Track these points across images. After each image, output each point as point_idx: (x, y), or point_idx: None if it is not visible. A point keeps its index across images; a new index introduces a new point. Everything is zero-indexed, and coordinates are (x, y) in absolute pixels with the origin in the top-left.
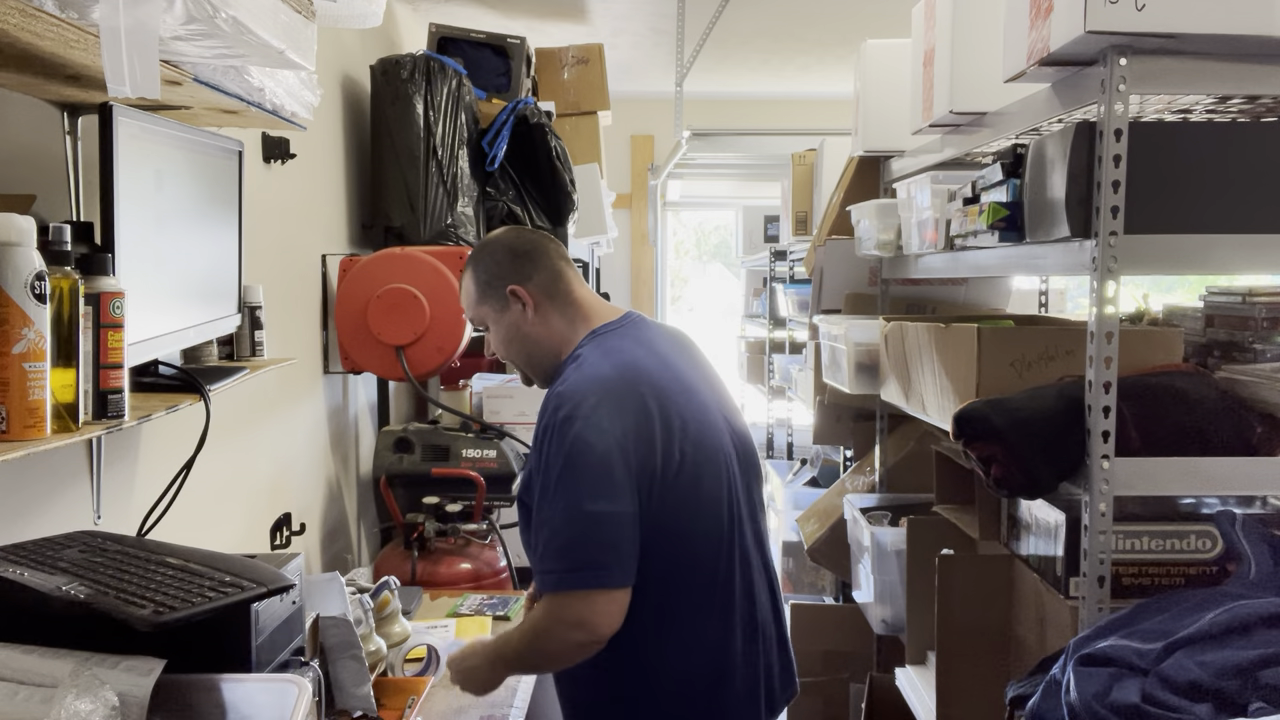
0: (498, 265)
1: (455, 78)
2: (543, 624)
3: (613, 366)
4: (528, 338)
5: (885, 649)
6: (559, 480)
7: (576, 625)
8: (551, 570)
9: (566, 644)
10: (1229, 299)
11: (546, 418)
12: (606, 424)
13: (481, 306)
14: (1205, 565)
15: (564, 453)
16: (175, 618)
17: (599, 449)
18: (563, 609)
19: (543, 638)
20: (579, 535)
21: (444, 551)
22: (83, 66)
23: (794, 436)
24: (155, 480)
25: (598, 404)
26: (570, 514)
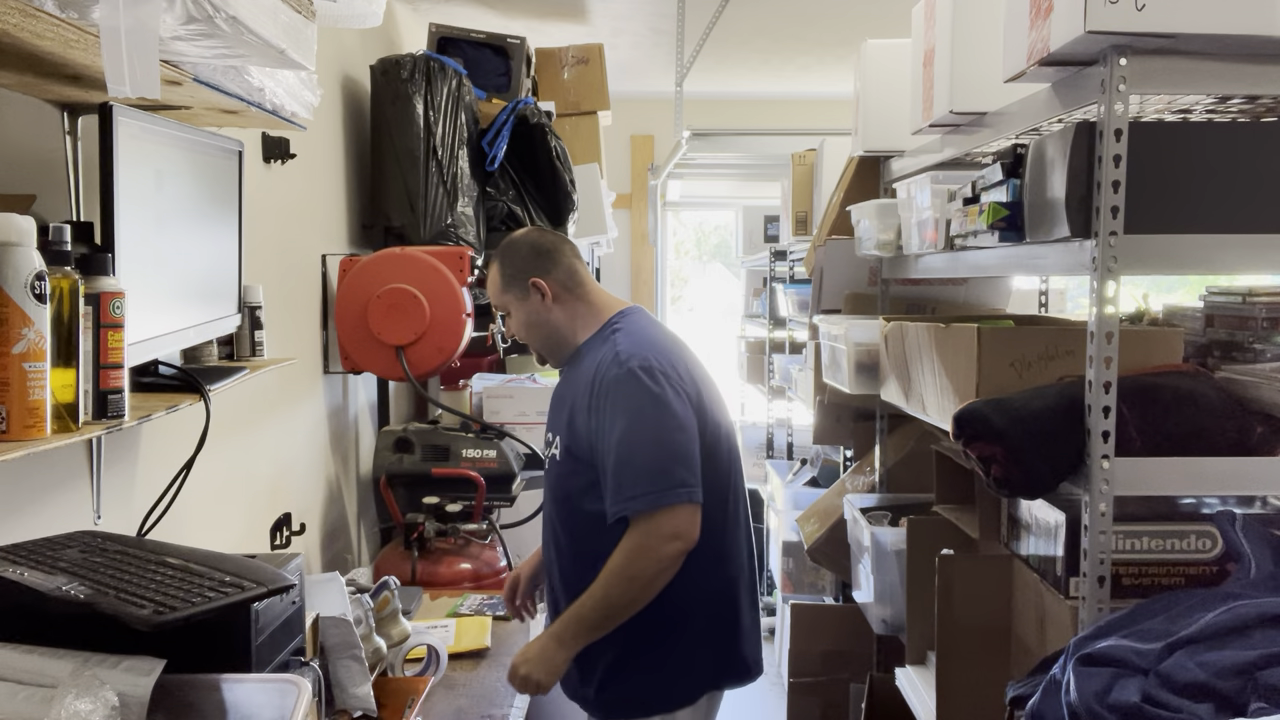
0: (522, 259)
1: (455, 78)
2: (639, 546)
3: (652, 335)
4: (546, 323)
5: (885, 649)
6: (640, 415)
7: (673, 536)
8: (645, 492)
9: (664, 558)
10: (1229, 299)
11: (610, 371)
12: (669, 369)
13: (506, 295)
14: (1205, 565)
15: (640, 393)
16: (175, 618)
17: (670, 388)
18: (659, 525)
19: (640, 560)
20: (667, 459)
21: (444, 551)
22: (83, 66)
23: (794, 436)
24: (155, 480)
25: (657, 355)
26: (657, 441)
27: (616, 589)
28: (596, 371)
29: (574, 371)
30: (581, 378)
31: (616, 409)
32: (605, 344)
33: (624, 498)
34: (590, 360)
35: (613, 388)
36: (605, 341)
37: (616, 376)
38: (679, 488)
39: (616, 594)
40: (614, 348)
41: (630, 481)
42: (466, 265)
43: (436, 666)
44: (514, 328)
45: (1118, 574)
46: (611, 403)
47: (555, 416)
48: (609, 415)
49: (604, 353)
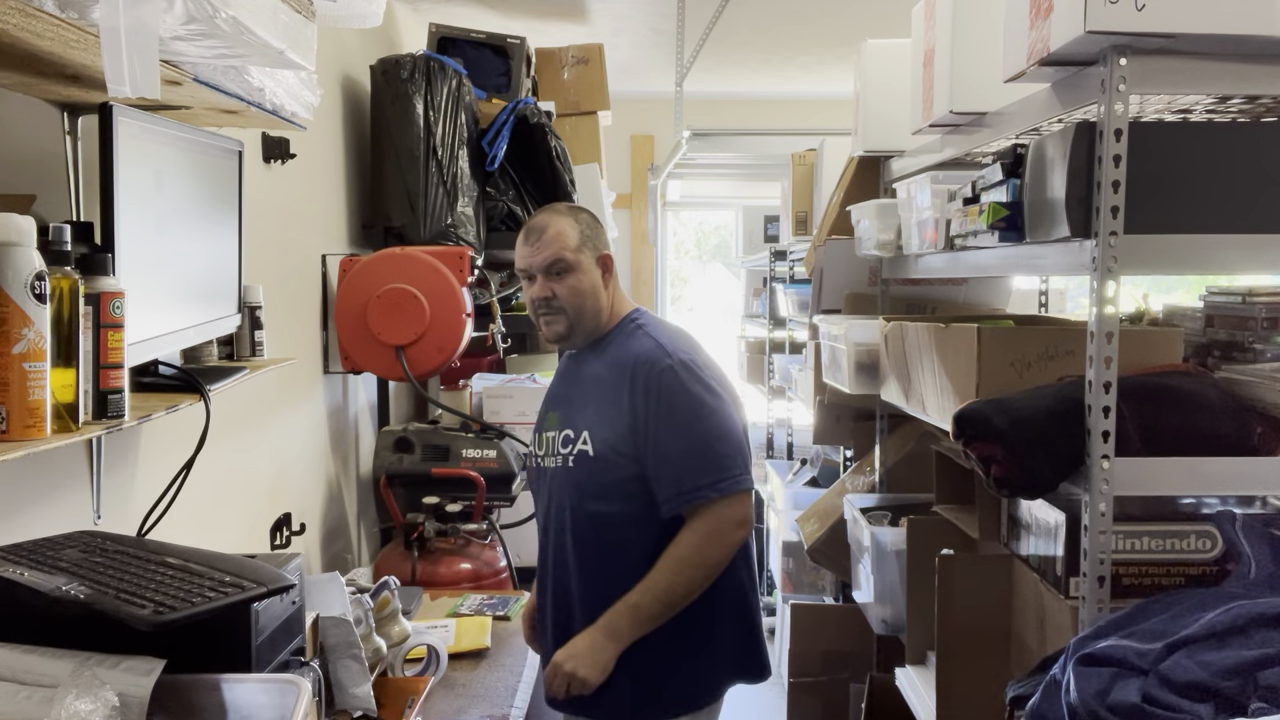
0: (597, 231)
1: (455, 78)
2: (711, 532)
3: (682, 332)
4: (600, 298)
5: (885, 649)
6: (698, 407)
7: (741, 523)
8: (715, 481)
9: (733, 544)
10: (1229, 299)
11: (657, 365)
12: (706, 365)
13: (579, 253)
14: (1205, 565)
15: (692, 386)
16: (175, 618)
17: (715, 383)
18: (730, 511)
19: (712, 546)
20: (730, 449)
21: (444, 551)
22: (83, 66)
23: (794, 436)
24: (155, 480)
25: (696, 351)
26: (718, 433)
27: (684, 577)
28: (637, 365)
29: (591, 365)
30: (609, 370)
31: (670, 402)
32: (635, 338)
33: (691, 487)
34: (616, 352)
35: (661, 381)
36: (633, 336)
37: (664, 369)
38: (743, 474)
39: (683, 582)
40: (654, 341)
41: (696, 471)
42: (466, 265)
43: (436, 666)
44: (569, 286)
45: (1118, 574)
46: (661, 396)
47: (571, 413)
48: (662, 408)
49: (638, 347)
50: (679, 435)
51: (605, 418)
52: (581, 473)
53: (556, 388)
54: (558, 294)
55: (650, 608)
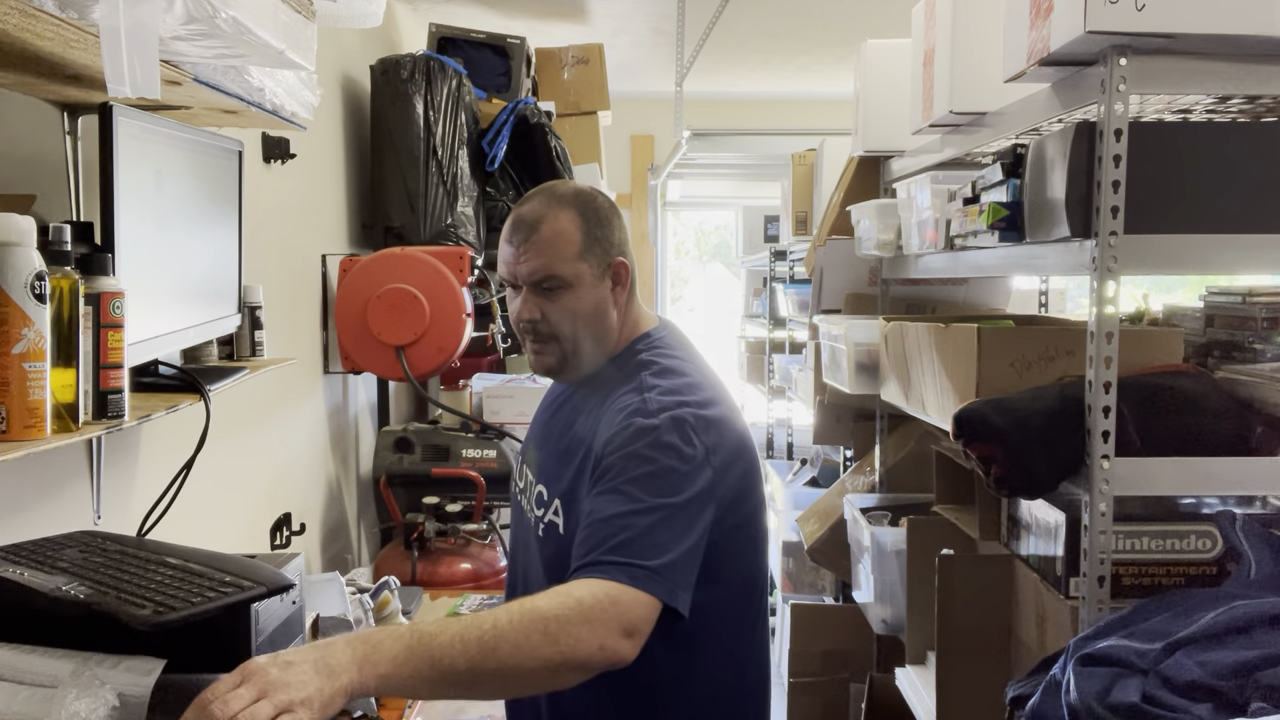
0: (610, 228)
1: (455, 78)
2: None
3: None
4: (605, 320)
5: (885, 649)
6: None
7: (631, 633)
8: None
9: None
10: (1229, 299)
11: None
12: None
13: (580, 264)
14: (1205, 565)
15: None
16: (175, 618)
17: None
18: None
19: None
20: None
21: (444, 551)
22: (83, 66)
23: (794, 436)
24: (155, 480)
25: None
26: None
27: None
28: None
29: (580, 402)
30: (593, 417)
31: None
32: (630, 382)
33: (609, 557)
34: (606, 392)
35: (631, 438)
36: (631, 377)
37: (640, 428)
38: (668, 583)
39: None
40: (641, 392)
41: (623, 543)
42: (466, 265)
43: None
44: (560, 310)
45: (1118, 574)
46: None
47: (549, 461)
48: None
49: (629, 396)
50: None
51: (578, 490)
52: (549, 549)
53: (543, 415)
54: (548, 317)
55: (454, 657)
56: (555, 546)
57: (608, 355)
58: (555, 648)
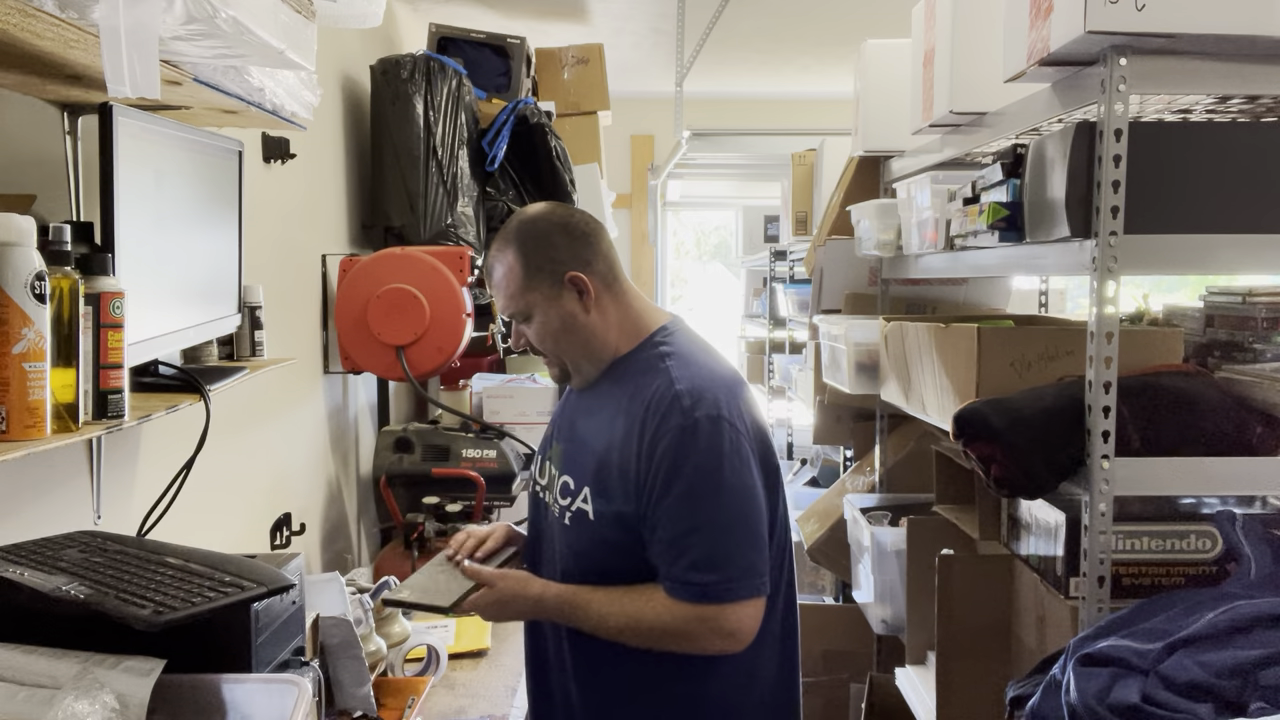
0: (552, 248)
1: (455, 78)
2: (690, 633)
3: (709, 366)
4: (584, 329)
5: (885, 649)
6: (710, 483)
7: (730, 634)
8: (716, 581)
9: (706, 650)
10: (1229, 299)
11: (672, 418)
12: (736, 417)
13: (530, 293)
14: (1205, 565)
15: (710, 453)
16: (175, 618)
17: (742, 445)
18: (723, 619)
19: (681, 642)
20: (742, 542)
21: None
22: (83, 66)
23: (794, 436)
24: (155, 480)
25: (729, 401)
26: (732, 520)
27: (631, 637)
28: (649, 410)
29: (603, 396)
30: (621, 414)
31: (681, 469)
32: (654, 372)
33: (685, 580)
34: (631, 386)
35: (677, 442)
36: (653, 368)
37: (681, 428)
38: (749, 578)
39: (628, 637)
40: (672, 384)
41: (695, 564)
42: (466, 265)
43: (436, 666)
44: (536, 335)
45: (1118, 574)
46: (673, 460)
47: (575, 453)
48: (668, 473)
49: (657, 387)
50: (684, 515)
51: (609, 476)
52: (578, 537)
53: (566, 411)
54: (532, 341)
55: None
56: (589, 533)
57: (610, 354)
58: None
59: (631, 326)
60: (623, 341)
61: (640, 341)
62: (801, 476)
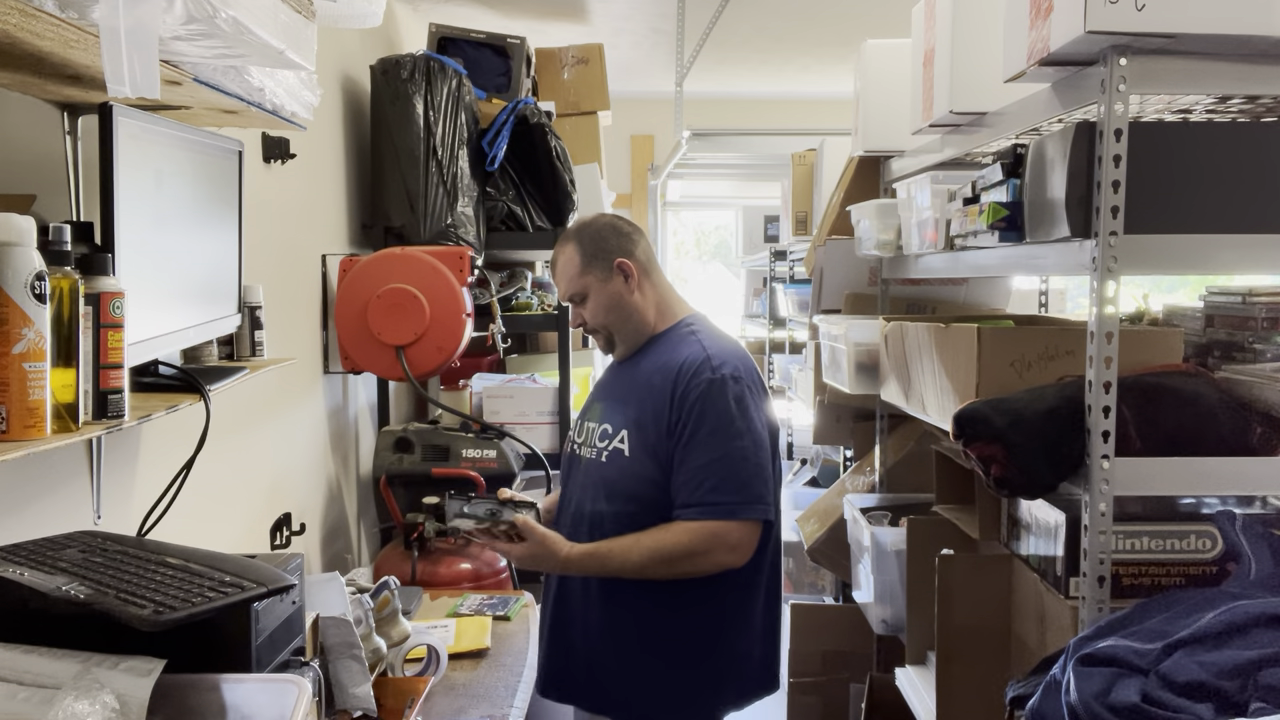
0: (604, 240)
1: (455, 78)
2: (702, 547)
3: (731, 343)
4: (627, 306)
5: (885, 649)
6: (732, 425)
7: (734, 548)
8: (728, 501)
9: (718, 565)
10: (1229, 299)
11: (702, 374)
12: (753, 384)
13: (586, 276)
14: (1205, 565)
15: (733, 402)
16: (175, 618)
17: (755, 403)
18: (728, 535)
19: (696, 559)
20: (754, 473)
21: (444, 551)
22: (83, 66)
23: (794, 436)
24: (155, 480)
25: (747, 371)
26: (746, 454)
27: (656, 568)
28: (681, 371)
29: (641, 364)
30: (656, 373)
31: (705, 413)
32: (686, 344)
33: (704, 501)
34: (666, 355)
35: (705, 392)
36: (684, 341)
37: (710, 381)
38: (758, 504)
39: (653, 571)
40: (703, 350)
41: (715, 486)
42: (466, 265)
43: (436, 666)
44: (590, 311)
45: (1118, 574)
46: (702, 406)
47: (614, 408)
48: (696, 417)
49: (688, 353)
50: (708, 448)
51: (645, 420)
52: (613, 470)
53: (606, 380)
54: (586, 319)
55: (615, 569)
56: (620, 468)
57: (649, 330)
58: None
59: (667, 310)
60: (660, 321)
61: (674, 323)
62: (801, 476)
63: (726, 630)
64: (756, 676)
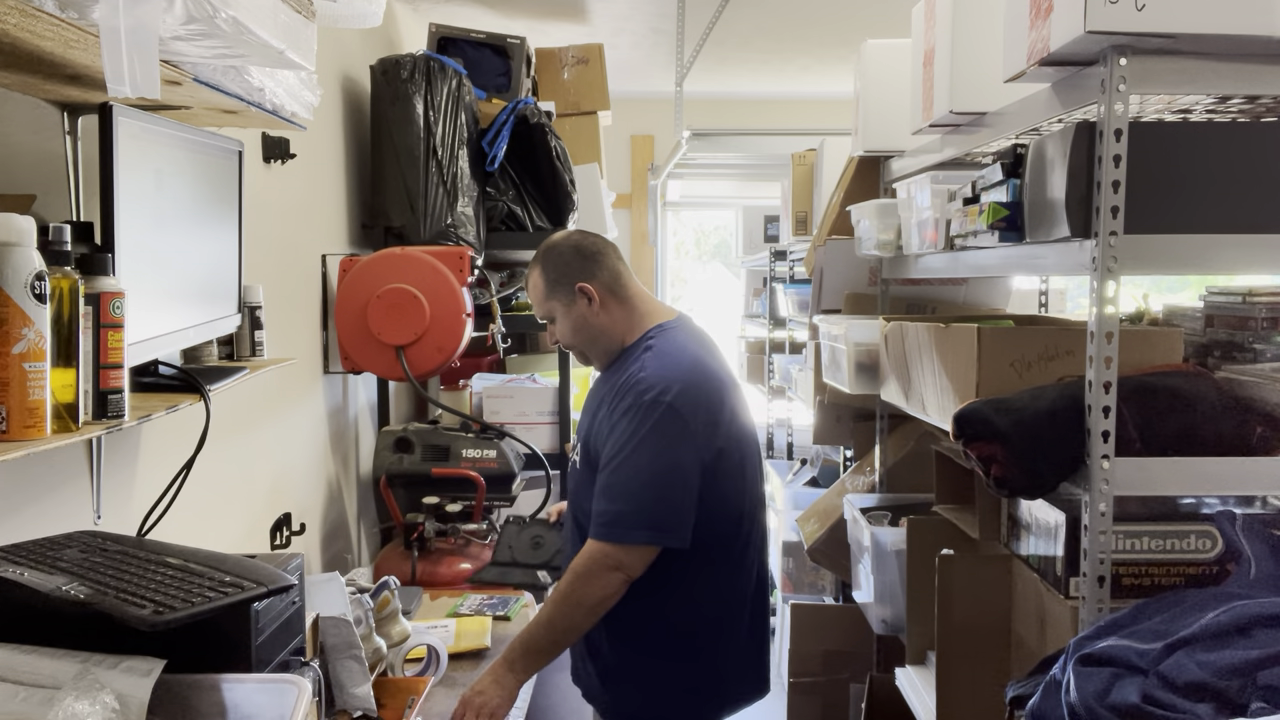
0: (566, 265)
1: (455, 78)
2: (584, 571)
3: (687, 359)
4: (593, 327)
5: (885, 649)
6: (639, 446)
7: (614, 568)
8: (611, 522)
9: (605, 586)
10: (1229, 299)
11: (632, 398)
12: (686, 404)
13: (550, 301)
14: (1205, 565)
15: (648, 425)
16: (175, 618)
17: (679, 427)
18: (606, 555)
19: (583, 585)
20: (647, 497)
21: (444, 551)
22: (83, 66)
23: (794, 436)
24: (155, 480)
25: (680, 391)
26: (645, 479)
27: (561, 612)
28: (618, 391)
29: (609, 377)
30: (611, 388)
31: (624, 434)
32: (636, 361)
33: (596, 520)
34: (621, 372)
35: (625, 414)
36: (638, 358)
37: (632, 405)
38: (645, 529)
39: (561, 616)
40: (643, 370)
41: (605, 506)
42: (466, 265)
43: (436, 666)
44: (560, 333)
45: (1118, 574)
46: (622, 426)
47: (583, 420)
48: (616, 437)
49: (631, 371)
50: (613, 467)
51: (593, 434)
52: (575, 481)
53: (589, 391)
54: (558, 338)
55: (538, 639)
56: (575, 480)
57: (618, 346)
58: (580, 608)
59: (636, 324)
60: (628, 335)
61: (639, 336)
62: (801, 476)
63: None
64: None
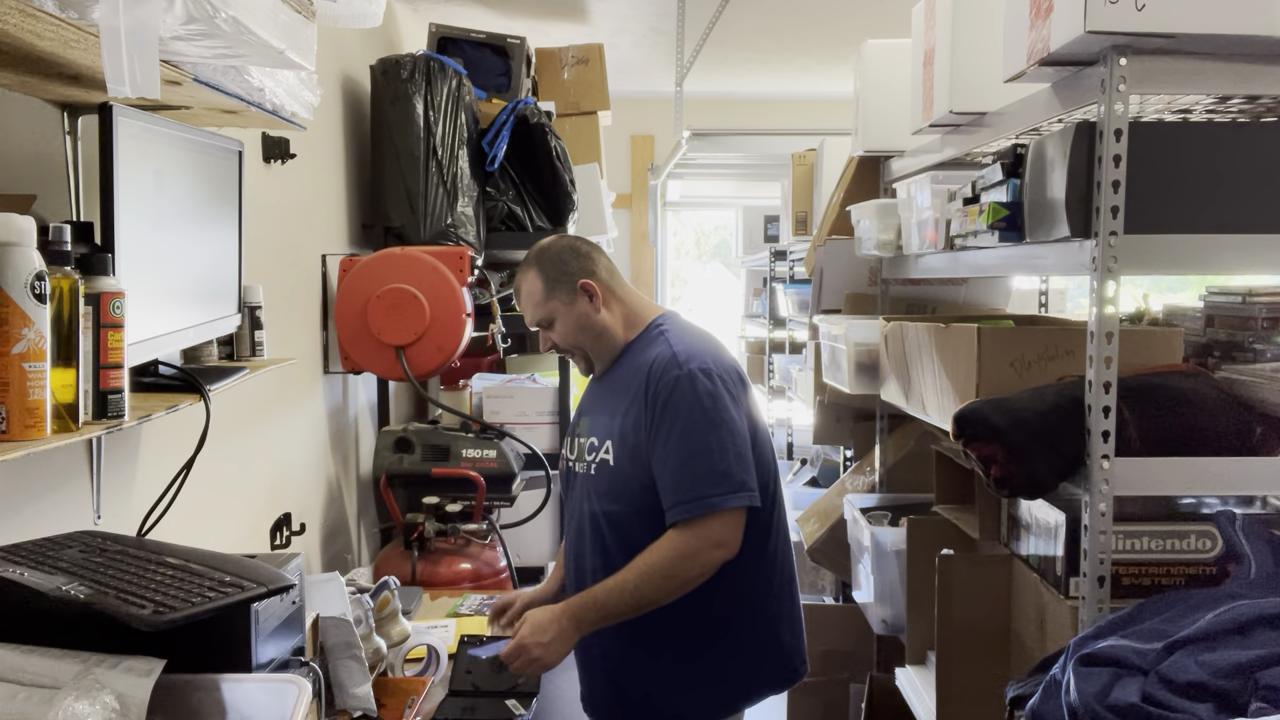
0: (564, 263)
1: (455, 78)
2: (686, 549)
3: (701, 339)
4: (596, 325)
5: (885, 649)
6: (701, 418)
7: (720, 544)
8: (701, 497)
9: (708, 564)
10: (1229, 299)
11: (669, 372)
12: (724, 374)
13: (551, 302)
14: (1205, 565)
15: (701, 396)
16: (175, 618)
17: (727, 393)
18: (709, 531)
19: (684, 563)
20: (727, 462)
21: (444, 551)
22: (83, 66)
23: (794, 436)
24: (155, 480)
25: (718, 363)
26: (715, 445)
27: (650, 585)
28: (650, 372)
29: (618, 374)
30: (630, 379)
31: (677, 410)
32: (655, 345)
33: (684, 499)
34: (638, 361)
35: (674, 390)
36: (654, 343)
37: (677, 378)
38: (740, 491)
39: (650, 590)
40: (670, 349)
41: (688, 485)
42: (466, 265)
43: (436, 666)
44: (559, 334)
45: (1118, 574)
46: (672, 404)
47: (597, 421)
48: (669, 416)
49: (656, 354)
50: (679, 447)
51: (626, 428)
52: (602, 481)
53: (589, 393)
54: (556, 342)
55: (615, 607)
56: (609, 478)
57: (620, 343)
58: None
59: (635, 319)
60: (628, 332)
61: (643, 329)
62: (801, 476)
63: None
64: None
